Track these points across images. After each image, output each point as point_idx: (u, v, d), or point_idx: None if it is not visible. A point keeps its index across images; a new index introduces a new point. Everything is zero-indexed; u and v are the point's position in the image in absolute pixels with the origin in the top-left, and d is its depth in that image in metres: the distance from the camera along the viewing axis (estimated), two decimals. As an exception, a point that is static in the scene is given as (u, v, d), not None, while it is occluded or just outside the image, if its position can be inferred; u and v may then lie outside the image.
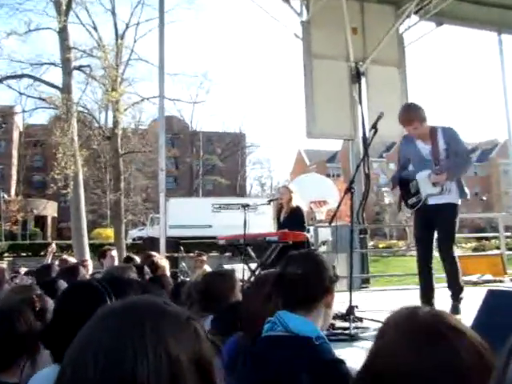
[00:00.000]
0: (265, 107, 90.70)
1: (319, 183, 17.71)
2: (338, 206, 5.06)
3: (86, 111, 22.23)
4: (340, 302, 4.44)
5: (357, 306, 4.46)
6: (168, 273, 4.54)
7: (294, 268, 1.78)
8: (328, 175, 53.86)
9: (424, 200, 4.70)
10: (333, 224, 4.96)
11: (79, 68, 20.03)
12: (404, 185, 4.87)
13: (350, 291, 4.39)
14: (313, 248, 7.02)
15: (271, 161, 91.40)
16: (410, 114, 4.57)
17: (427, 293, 4.65)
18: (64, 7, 18.65)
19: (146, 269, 4.05)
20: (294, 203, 6.44)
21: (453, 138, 4.64)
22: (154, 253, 5.01)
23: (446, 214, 4.58)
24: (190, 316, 0.85)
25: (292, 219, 6.31)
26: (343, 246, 6.90)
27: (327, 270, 1.83)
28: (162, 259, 4.77)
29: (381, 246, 31.01)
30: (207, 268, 8.60)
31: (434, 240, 4.71)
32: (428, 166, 4.69)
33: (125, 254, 20.05)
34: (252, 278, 5.46)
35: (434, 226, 4.63)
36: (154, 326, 0.78)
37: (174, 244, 10.34)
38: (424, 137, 4.67)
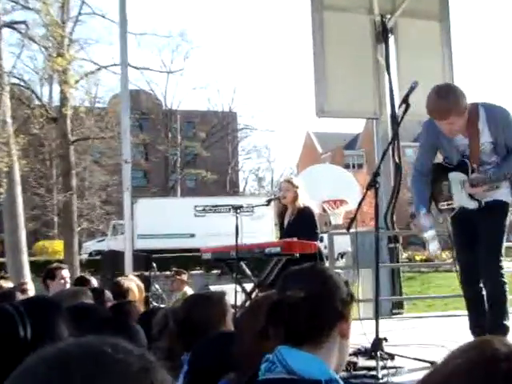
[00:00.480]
0: (262, 78, 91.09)
1: (335, 177, 17.72)
2: (359, 206, 5.10)
3: (23, 84, 22.17)
4: (363, 333, 4.46)
5: (386, 339, 4.45)
6: (137, 297, 4.64)
7: (295, 289, 1.78)
8: (346, 166, 53.95)
9: (457, 210, 4.62)
10: (352, 230, 4.89)
11: (11, 25, 19.66)
12: (434, 181, 4.77)
13: (377, 319, 4.41)
14: (325, 262, 7.08)
15: (271, 148, 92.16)
16: (446, 103, 4.23)
17: (479, 322, 4.62)
18: None
19: (107, 293, 4.10)
20: (301, 202, 6.49)
21: (502, 122, 4.38)
22: (124, 276, 5.07)
23: (491, 216, 4.42)
24: (147, 366, 0.84)
25: (299, 224, 6.37)
26: (367, 259, 6.89)
27: (339, 289, 1.83)
28: (130, 280, 4.80)
29: (418, 258, 31.03)
30: (188, 290, 8.72)
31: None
32: (466, 164, 4.53)
33: (78, 273, 20.05)
34: (247, 303, 5.52)
35: (478, 233, 4.49)
36: (87, 381, 0.79)
37: (143, 259, 10.33)
38: (461, 129, 4.43)
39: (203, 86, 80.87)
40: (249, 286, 6.57)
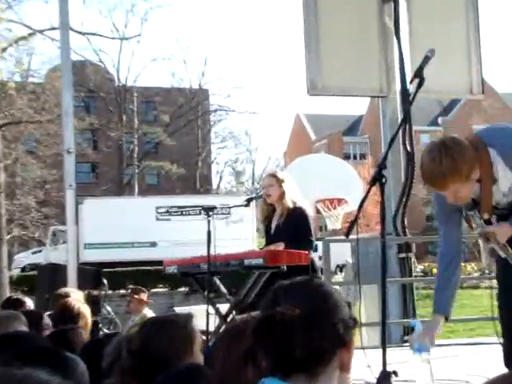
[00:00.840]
0: (240, 47, 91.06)
1: (331, 170, 17.67)
2: (361, 206, 5.09)
3: None
4: (368, 365, 4.51)
5: (395, 373, 4.42)
6: (88, 323, 4.67)
7: (287, 307, 1.78)
8: (346, 156, 54.02)
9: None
10: (353, 237, 4.80)
11: None
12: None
13: (384, 348, 4.41)
14: (320, 276, 7.10)
15: (252, 135, 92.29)
16: (439, 169, 4.06)
17: None
18: None
19: (46, 319, 4.13)
20: (290, 201, 6.54)
21: None
22: (67, 290, 5.17)
23: None
24: None
25: (289, 228, 6.41)
26: (371, 272, 6.77)
27: (340, 309, 1.85)
28: (79, 302, 4.84)
29: (436, 271, 31.23)
30: (148, 313, 8.76)
31: None
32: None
33: (8, 292, 19.91)
34: (222, 328, 5.48)
35: None
36: None
37: (91, 275, 10.28)
38: (472, 193, 4.30)
39: (166, 57, 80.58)
40: (224, 307, 6.56)
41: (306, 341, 1.75)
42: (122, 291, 18.74)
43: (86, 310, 4.76)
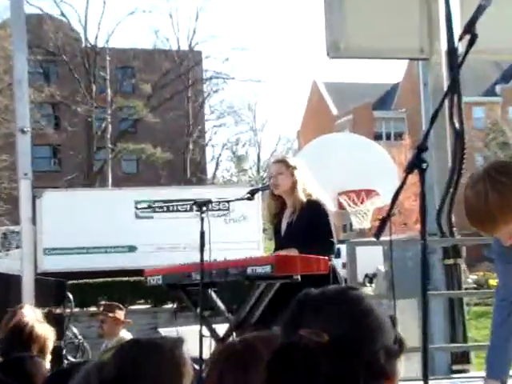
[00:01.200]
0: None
1: (358, 153, 17.49)
2: (395, 199, 5.05)
3: None
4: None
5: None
6: (49, 348, 4.65)
7: (313, 331, 1.77)
8: (377, 136, 53.80)
9: None
10: (385, 238, 4.66)
11: None
12: None
13: (426, 379, 4.39)
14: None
15: (257, 109, 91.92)
16: (485, 209, 4.10)
17: None
18: None
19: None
20: (304, 192, 6.59)
21: None
22: (22, 307, 5.11)
23: None
24: None
25: (304, 228, 6.47)
26: (409, 283, 6.73)
27: (383, 332, 1.85)
28: (36, 322, 4.83)
29: (494, 283, 31.26)
30: (126, 336, 8.76)
31: None
32: None
33: None
34: (218, 354, 5.49)
35: None
36: None
37: (53, 288, 10.30)
38: None
39: (147, 9, 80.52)
40: (222, 328, 6.54)
41: (337, 377, 1.74)
42: (93, 309, 18.56)
43: (46, 333, 4.73)
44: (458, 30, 9.31)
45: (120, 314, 8.95)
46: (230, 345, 2.46)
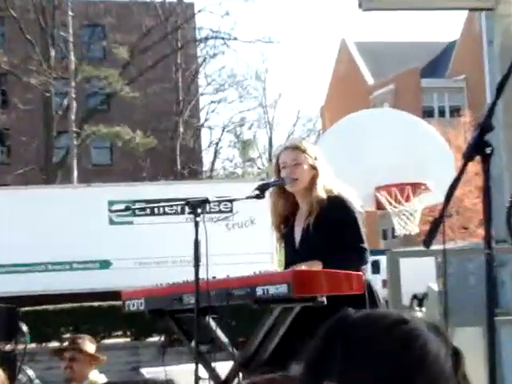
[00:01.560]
0: None
1: (402, 135, 16.82)
2: (450, 195, 4.18)
3: None
4: None
5: None
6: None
7: (346, 378, 1.68)
8: (427, 112, 52.09)
9: None
10: (438, 247, 4.39)
11: None
12: None
13: None
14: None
15: (267, 79, 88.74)
16: None
17: None
18: None
19: None
20: (323, 188, 6.18)
21: None
22: None
23: None
24: None
25: (325, 231, 6.15)
26: (471, 306, 6.74)
27: (443, 376, 1.69)
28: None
29: None
30: (99, 379, 8.33)
31: None
32: None
33: None
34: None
35: None
36: None
37: (2, 316, 9.72)
38: None
39: None
40: (224, 368, 6.25)
41: None
42: (55, 344, 17.50)
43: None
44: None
45: (90, 349, 8.34)
46: None
